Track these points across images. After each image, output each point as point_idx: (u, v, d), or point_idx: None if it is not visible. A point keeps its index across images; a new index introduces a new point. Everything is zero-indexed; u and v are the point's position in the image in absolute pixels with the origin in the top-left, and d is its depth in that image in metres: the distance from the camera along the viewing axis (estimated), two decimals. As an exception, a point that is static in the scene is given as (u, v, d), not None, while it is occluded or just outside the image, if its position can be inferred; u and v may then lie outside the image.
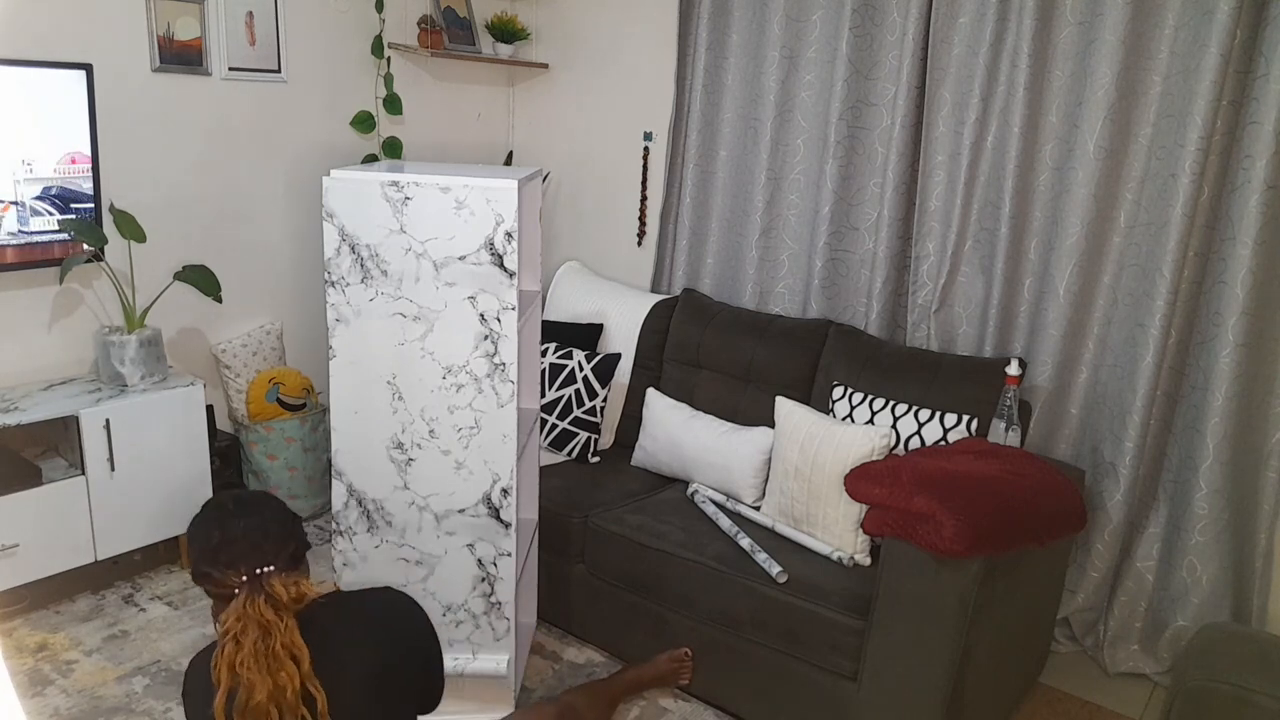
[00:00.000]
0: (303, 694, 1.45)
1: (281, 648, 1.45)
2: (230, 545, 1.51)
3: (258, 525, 1.55)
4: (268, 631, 1.45)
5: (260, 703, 1.42)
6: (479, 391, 2.11)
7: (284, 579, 1.51)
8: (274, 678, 1.43)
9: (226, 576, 1.50)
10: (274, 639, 1.45)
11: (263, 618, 1.45)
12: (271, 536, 1.54)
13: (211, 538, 1.53)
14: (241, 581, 1.49)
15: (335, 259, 2.07)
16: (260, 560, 1.51)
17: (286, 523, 1.60)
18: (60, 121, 2.64)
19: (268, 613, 1.46)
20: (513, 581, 2.23)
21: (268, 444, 3.18)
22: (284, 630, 1.46)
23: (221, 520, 1.55)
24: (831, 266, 3.05)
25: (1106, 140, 2.52)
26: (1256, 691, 1.89)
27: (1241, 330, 2.37)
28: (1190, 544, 2.53)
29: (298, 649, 1.46)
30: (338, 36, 3.37)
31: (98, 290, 2.90)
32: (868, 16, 2.87)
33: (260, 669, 1.43)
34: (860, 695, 2.16)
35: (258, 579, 1.49)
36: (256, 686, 1.42)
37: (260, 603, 1.46)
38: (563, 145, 3.90)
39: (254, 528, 1.54)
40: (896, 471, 2.12)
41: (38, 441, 2.81)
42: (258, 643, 1.44)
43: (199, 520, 1.59)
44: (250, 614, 1.45)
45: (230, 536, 1.52)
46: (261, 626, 1.45)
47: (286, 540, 1.56)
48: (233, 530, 1.53)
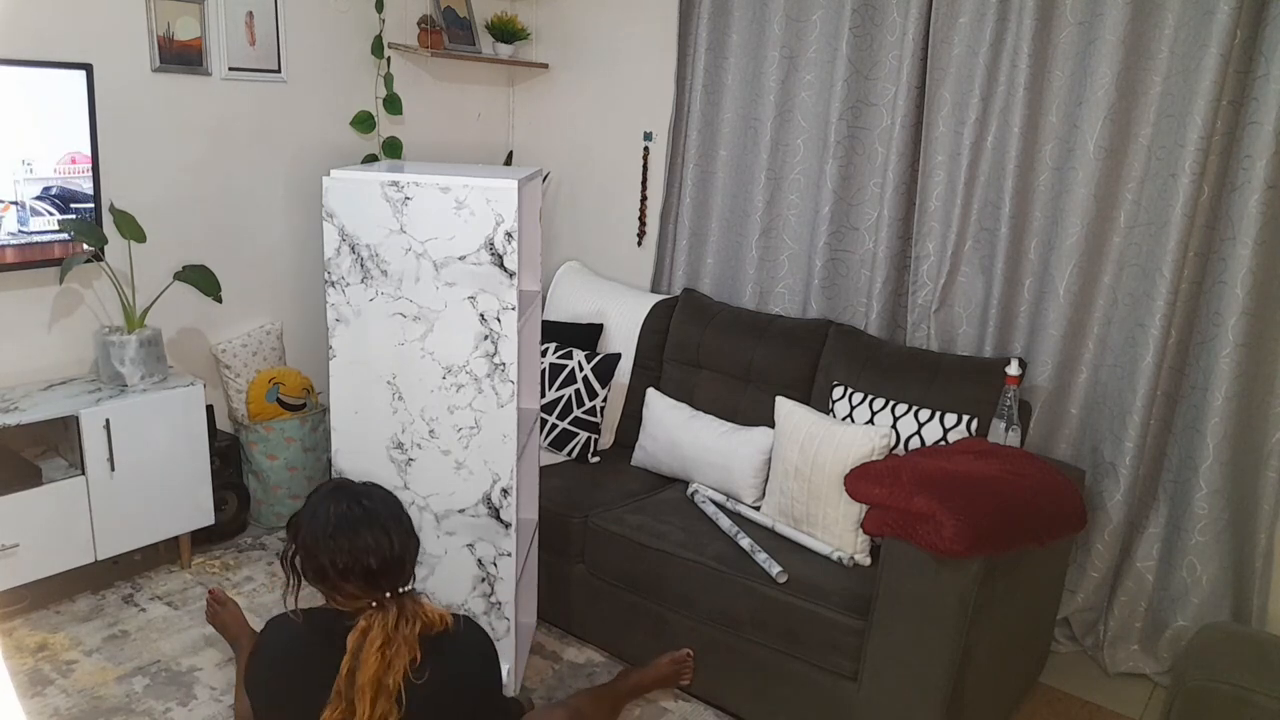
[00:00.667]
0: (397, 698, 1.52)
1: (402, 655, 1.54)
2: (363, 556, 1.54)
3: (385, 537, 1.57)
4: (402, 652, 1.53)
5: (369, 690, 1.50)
6: (479, 391, 2.11)
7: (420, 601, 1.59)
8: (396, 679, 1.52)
9: (359, 591, 1.56)
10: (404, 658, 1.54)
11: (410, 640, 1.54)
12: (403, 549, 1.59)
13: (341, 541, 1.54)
14: (382, 598, 1.56)
15: (335, 259, 2.07)
16: (399, 579, 1.58)
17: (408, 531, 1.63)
18: (60, 121, 2.64)
19: (413, 637, 1.55)
20: (513, 581, 2.23)
21: (268, 444, 3.18)
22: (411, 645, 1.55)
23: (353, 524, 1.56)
24: (831, 266, 3.05)
25: (1106, 140, 2.52)
26: (1256, 691, 1.90)
27: (1241, 330, 2.37)
28: (1190, 544, 2.53)
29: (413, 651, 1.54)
30: (338, 36, 3.37)
31: (98, 290, 2.90)
32: (868, 16, 2.87)
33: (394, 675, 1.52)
34: (860, 695, 2.16)
35: (398, 597, 1.57)
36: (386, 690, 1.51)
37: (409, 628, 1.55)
38: (563, 145, 3.90)
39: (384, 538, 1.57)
40: (896, 471, 2.12)
41: (38, 441, 2.81)
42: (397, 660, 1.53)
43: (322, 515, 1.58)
44: (400, 635, 1.54)
45: (361, 542, 1.54)
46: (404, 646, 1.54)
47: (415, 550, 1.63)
48: (365, 538, 1.55)
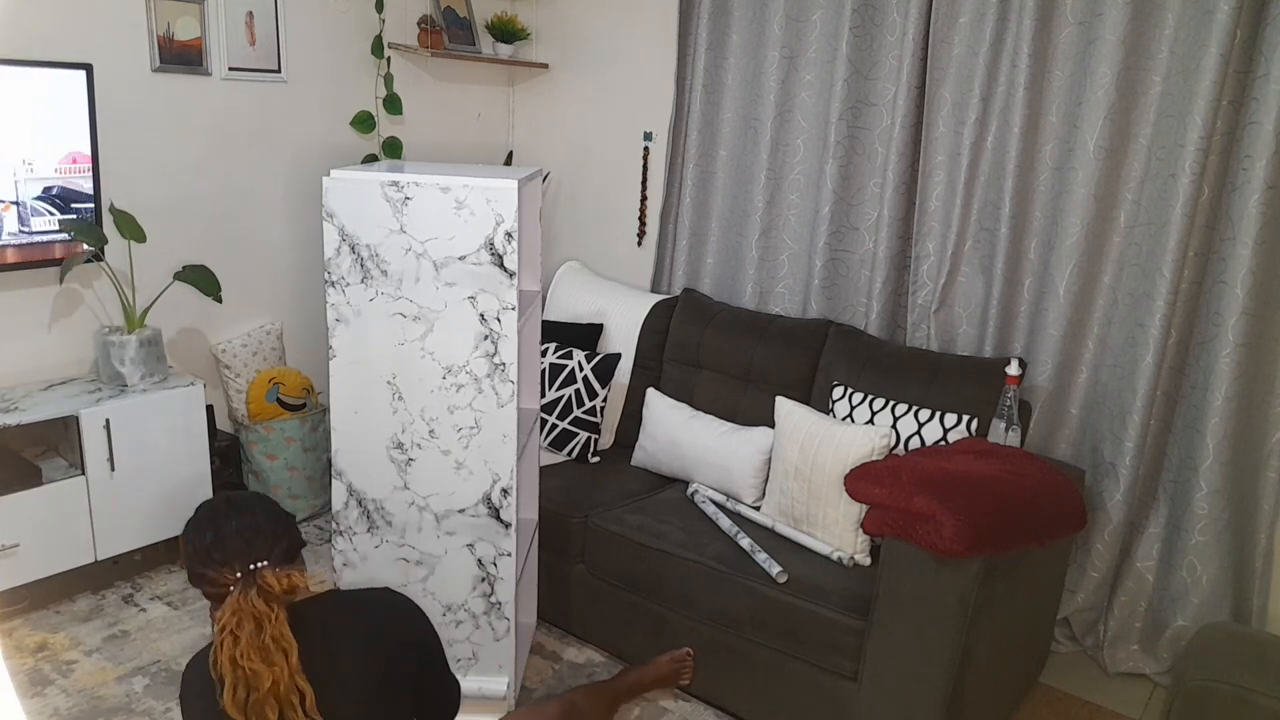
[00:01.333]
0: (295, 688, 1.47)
1: (272, 640, 1.46)
2: (223, 544, 1.53)
3: (250, 523, 1.57)
4: (260, 624, 1.47)
5: (264, 693, 1.43)
6: (479, 391, 2.11)
7: (276, 572, 1.53)
8: (271, 672, 1.45)
9: (220, 574, 1.52)
10: (266, 631, 1.46)
11: (255, 610, 1.47)
12: (263, 534, 1.56)
13: (204, 538, 1.55)
14: (235, 578, 1.51)
15: (335, 259, 2.07)
16: (253, 556, 1.53)
17: (279, 520, 1.61)
18: (60, 121, 2.64)
19: (260, 605, 1.48)
20: (513, 581, 2.23)
21: (268, 444, 3.18)
22: (274, 622, 1.48)
23: (214, 520, 1.57)
24: (831, 266, 3.05)
25: (1106, 140, 2.52)
26: (1256, 691, 1.89)
27: (1241, 330, 2.37)
28: (1190, 544, 2.53)
29: (287, 642, 1.47)
30: (338, 36, 3.37)
31: (98, 290, 2.90)
32: (868, 16, 2.87)
33: (259, 660, 1.45)
34: (860, 695, 2.16)
35: (251, 574, 1.51)
36: (261, 675, 1.44)
37: (253, 595, 1.48)
38: (563, 145, 3.90)
39: (246, 526, 1.56)
40: (896, 471, 2.12)
41: (38, 441, 2.81)
42: (253, 635, 1.46)
43: (192, 522, 1.61)
44: (244, 607, 1.47)
45: (222, 535, 1.54)
46: (255, 619, 1.46)
47: (279, 537, 1.58)
48: (225, 529, 1.55)
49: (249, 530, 1.55)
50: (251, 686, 1.44)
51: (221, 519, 1.57)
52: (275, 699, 1.45)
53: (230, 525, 1.55)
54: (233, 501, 1.62)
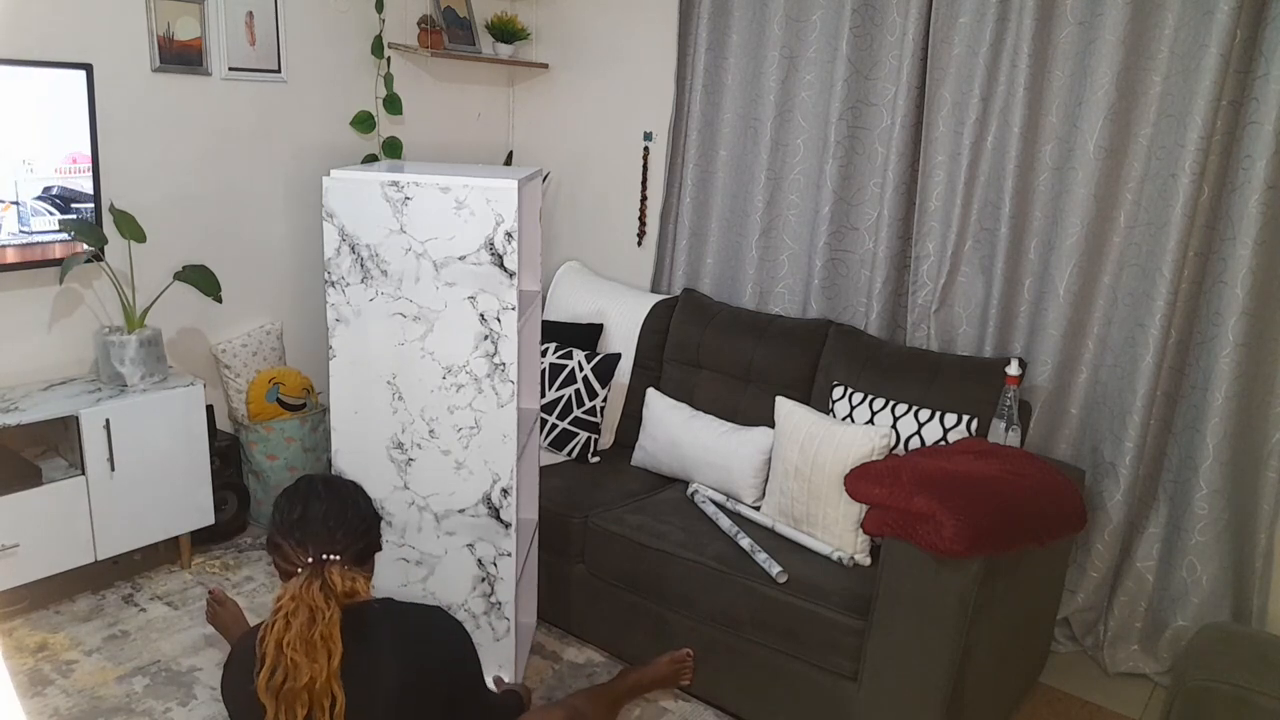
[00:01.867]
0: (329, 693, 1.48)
1: (321, 637, 1.47)
2: (307, 523, 1.55)
3: (338, 512, 1.58)
4: (314, 618, 1.47)
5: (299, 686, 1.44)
6: (479, 391, 2.11)
7: (344, 571, 1.53)
8: (310, 667, 1.46)
9: (295, 553, 1.53)
10: (317, 627, 1.47)
11: (314, 602, 1.48)
12: (347, 527, 1.57)
13: (293, 512, 1.57)
14: (306, 562, 1.52)
15: (335, 259, 2.07)
16: (330, 546, 1.54)
17: (367, 519, 1.63)
18: (60, 121, 2.64)
19: (319, 599, 1.48)
20: (513, 581, 2.23)
21: (268, 444, 3.18)
22: (327, 620, 1.48)
23: (308, 497, 1.59)
24: (831, 266, 3.05)
25: (1106, 140, 2.52)
26: (1256, 691, 1.89)
27: (1241, 330, 2.37)
28: (1190, 544, 2.53)
29: (334, 643, 1.48)
30: (338, 36, 3.37)
31: (98, 290, 2.90)
32: (868, 16, 2.87)
33: (303, 653, 1.46)
34: (860, 695, 2.16)
35: (321, 564, 1.53)
36: (301, 668, 1.45)
37: (315, 587, 1.49)
38: (563, 145, 3.90)
39: (334, 513, 1.57)
40: (896, 471, 2.12)
41: (38, 441, 2.81)
42: (305, 626, 1.47)
43: (288, 491, 1.62)
44: (304, 596, 1.48)
45: (310, 515, 1.56)
46: (311, 610, 1.47)
47: (360, 536, 1.59)
48: (314, 510, 1.56)
49: (335, 519, 1.56)
50: (289, 676, 1.45)
51: (314, 499, 1.58)
52: (308, 695, 1.46)
53: (320, 508, 1.57)
54: (332, 485, 1.63)
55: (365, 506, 1.65)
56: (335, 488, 1.63)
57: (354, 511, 1.61)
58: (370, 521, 1.63)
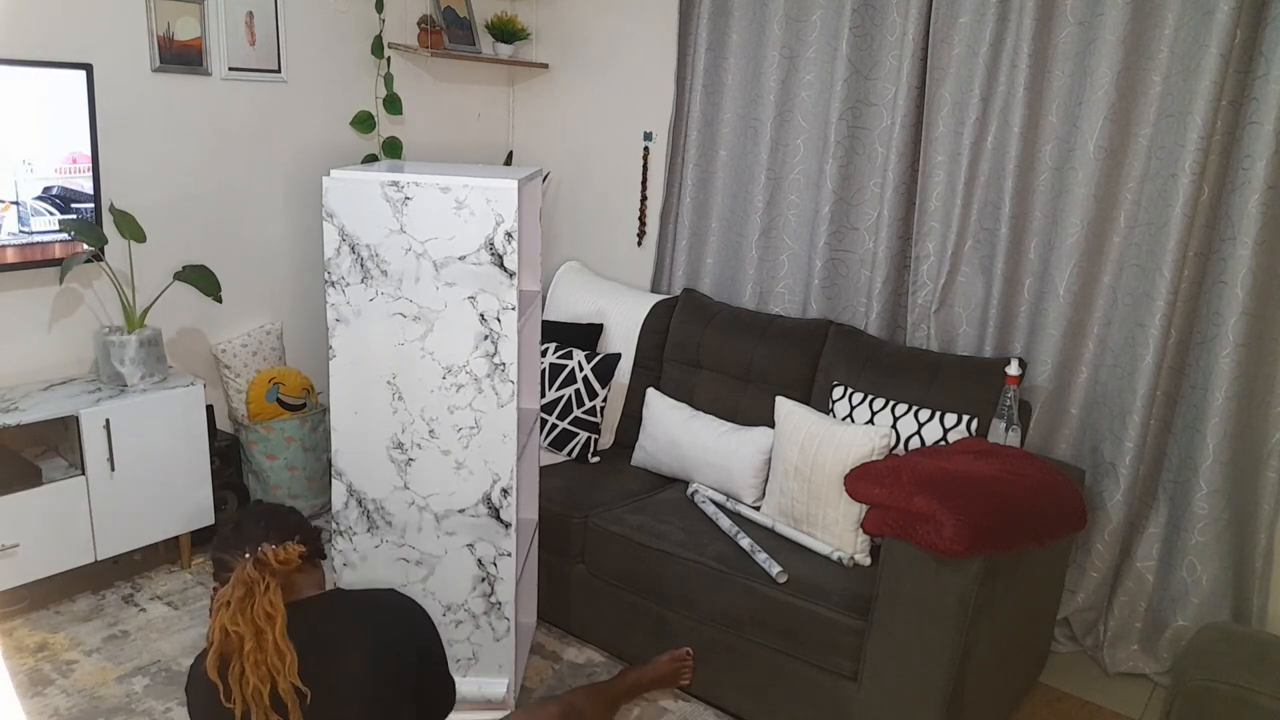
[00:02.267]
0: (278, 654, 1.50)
1: (261, 608, 1.50)
2: (241, 531, 1.62)
3: (271, 520, 1.65)
4: (250, 590, 1.51)
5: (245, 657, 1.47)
6: (479, 391, 2.11)
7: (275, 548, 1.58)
8: (256, 635, 1.48)
9: (234, 558, 1.58)
10: (255, 597, 1.51)
11: (248, 577, 1.52)
12: (279, 526, 1.64)
13: (227, 527, 1.66)
14: (244, 559, 1.57)
15: (335, 259, 2.07)
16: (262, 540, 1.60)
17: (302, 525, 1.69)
18: (60, 121, 2.64)
19: (253, 573, 1.53)
20: (513, 581, 2.23)
21: (268, 444, 3.18)
22: (265, 590, 1.52)
23: (244, 516, 1.67)
24: (831, 266, 3.05)
25: (1106, 140, 2.52)
26: (1256, 691, 1.90)
27: (1241, 330, 2.37)
28: (1190, 544, 2.53)
29: (273, 609, 1.51)
30: (338, 36, 3.37)
31: (98, 290, 2.90)
32: (868, 16, 2.87)
33: (246, 625, 1.49)
34: (860, 695, 2.16)
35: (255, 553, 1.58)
36: (245, 638, 1.48)
37: (249, 566, 1.54)
38: (563, 145, 3.90)
39: (267, 520, 1.65)
40: (896, 471, 2.12)
41: (38, 441, 2.81)
42: (242, 600, 1.50)
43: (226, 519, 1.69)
44: (239, 577, 1.53)
45: (244, 525, 1.63)
46: (247, 585, 1.52)
47: (293, 527, 1.65)
48: (248, 522, 1.64)
49: (269, 524, 1.63)
50: (232, 650, 1.48)
51: (249, 516, 1.67)
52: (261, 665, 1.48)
53: (253, 519, 1.65)
54: (267, 506, 1.72)
55: (299, 518, 1.71)
56: (271, 508, 1.71)
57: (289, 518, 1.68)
58: (305, 527, 1.68)
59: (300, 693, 1.48)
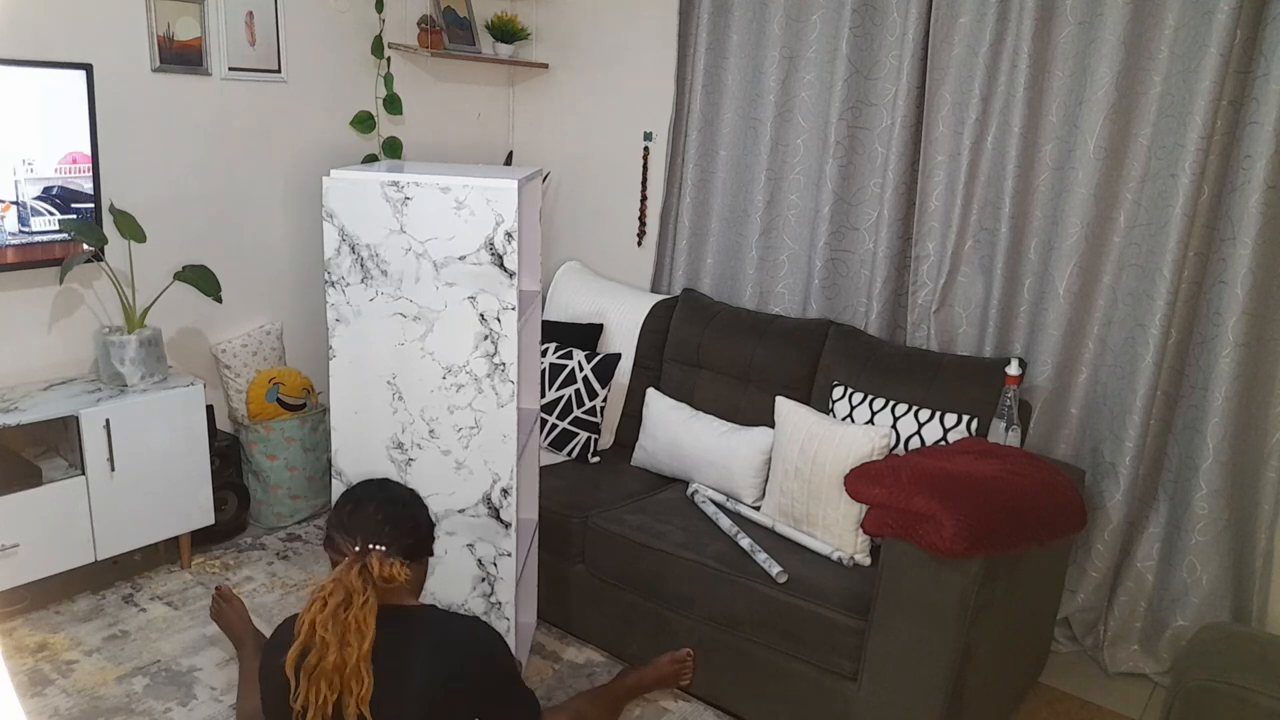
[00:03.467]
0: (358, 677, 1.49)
1: (354, 621, 1.49)
2: (358, 516, 1.59)
3: (388, 508, 1.62)
4: (348, 601, 1.49)
5: (326, 667, 1.46)
6: (479, 391, 2.11)
7: (384, 559, 1.56)
8: (340, 649, 1.47)
9: (344, 542, 1.57)
10: (351, 610, 1.49)
11: (350, 585, 1.50)
12: (395, 521, 1.61)
13: (347, 505, 1.62)
14: (353, 550, 1.56)
15: (335, 259, 2.07)
16: (376, 537, 1.58)
17: (417, 520, 1.66)
18: (60, 121, 2.64)
19: (356, 582, 1.51)
20: (513, 581, 2.23)
21: (268, 444, 3.18)
22: (363, 605, 1.50)
23: (362, 494, 1.64)
24: (831, 266, 3.05)
25: (1106, 140, 2.52)
26: (1256, 691, 1.90)
27: (1241, 330, 2.37)
28: (1190, 544, 2.53)
29: (366, 626, 1.49)
30: (338, 36, 3.37)
31: (98, 290, 2.90)
32: (868, 16, 2.87)
33: (334, 634, 1.47)
34: (860, 695, 2.16)
35: (365, 553, 1.56)
36: (331, 648, 1.47)
37: (354, 571, 1.52)
38: (563, 145, 3.90)
39: (384, 509, 1.61)
40: (896, 471, 2.12)
41: (38, 441, 2.81)
42: (339, 608, 1.49)
43: (347, 491, 1.67)
44: (343, 579, 1.51)
45: (361, 509, 1.60)
46: (347, 593, 1.50)
47: (408, 532, 1.63)
48: (366, 505, 1.61)
49: (384, 514, 1.60)
50: (319, 655, 1.47)
51: (367, 496, 1.63)
52: (336, 677, 1.47)
53: (372, 504, 1.61)
54: (387, 487, 1.68)
55: (417, 510, 1.68)
56: (390, 489, 1.68)
57: (404, 510, 1.65)
58: (420, 523, 1.67)
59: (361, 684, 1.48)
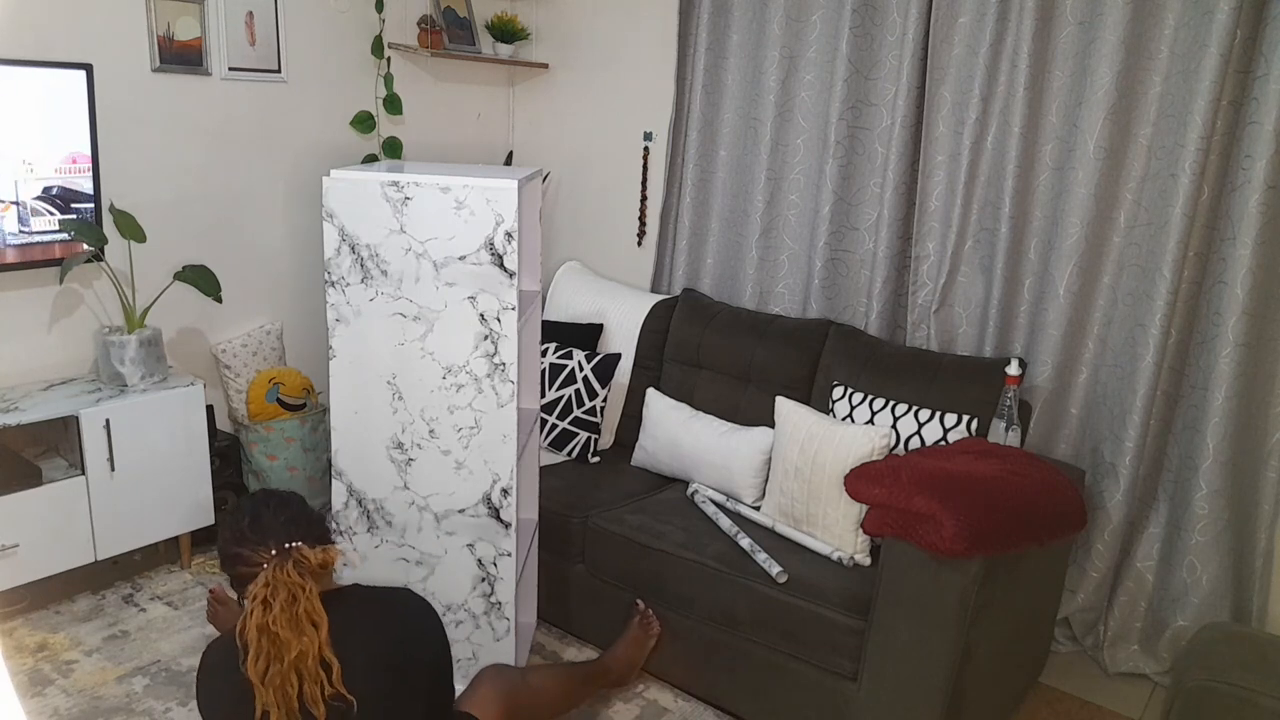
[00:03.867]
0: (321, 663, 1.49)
1: (305, 612, 1.49)
2: (260, 524, 1.59)
3: (287, 511, 1.62)
4: (294, 596, 1.49)
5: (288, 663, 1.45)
6: (479, 391, 2.11)
7: (311, 548, 1.56)
8: (299, 642, 1.47)
9: (256, 552, 1.56)
10: (299, 603, 1.49)
11: (291, 581, 1.50)
12: (300, 520, 1.62)
13: (242, 520, 1.61)
14: (270, 555, 1.55)
15: (335, 259, 2.07)
16: (289, 536, 1.57)
17: (314, 515, 1.67)
18: (60, 121, 2.64)
19: (295, 577, 1.51)
20: (513, 581, 2.23)
21: (268, 444, 3.18)
22: (308, 595, 1.50)
23: (253, 506, 1.63)
24: (831, 266, 3.05)
25: (1106, 140, 2.52)
26: (1256, 691, 1.90)
27: (1241, 330, 2.37)
28: (1190, 544, 2.53)
29: (318, 615, 1.50)
30: (338, 36, 3.37)
31: (98, 290, 2.90)
32: (868, 16, 2.87)
33: (290, 630, 1.47)
34: (860, 695, 2.16)
35: (286, 551, 1.55)
36: (289, 645, 1.46)
37: (289, 568, 1.52)
38: (563, 145, 3.90)
39: (283, 511, 1.62)
40: (896, 471, 2.12)
41: (38, 441, 2.81)
42: (286, 604, 1.48)
43: (230, 509, 1.69)
44: (279, 578, 1.50)
45: (260, 517, 1.60)
46: (290, 589, 1.49)
47: (315, 524, 1.63)
48: (264, 513, 1.61)
49: (286, 515, 1.60)
50: (276, 655, 1.46)
51: (260, 505, 1.63)
52: (299, 671, 1.47)
53: (268, 510, 1.61)
54: (271, 493, 1.68)
55: (309, 506, 1.69)
56: (277, 494, 1.68)
57: (299, 508, 1.65)
58: (315, 513, 1.67)
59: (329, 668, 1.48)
